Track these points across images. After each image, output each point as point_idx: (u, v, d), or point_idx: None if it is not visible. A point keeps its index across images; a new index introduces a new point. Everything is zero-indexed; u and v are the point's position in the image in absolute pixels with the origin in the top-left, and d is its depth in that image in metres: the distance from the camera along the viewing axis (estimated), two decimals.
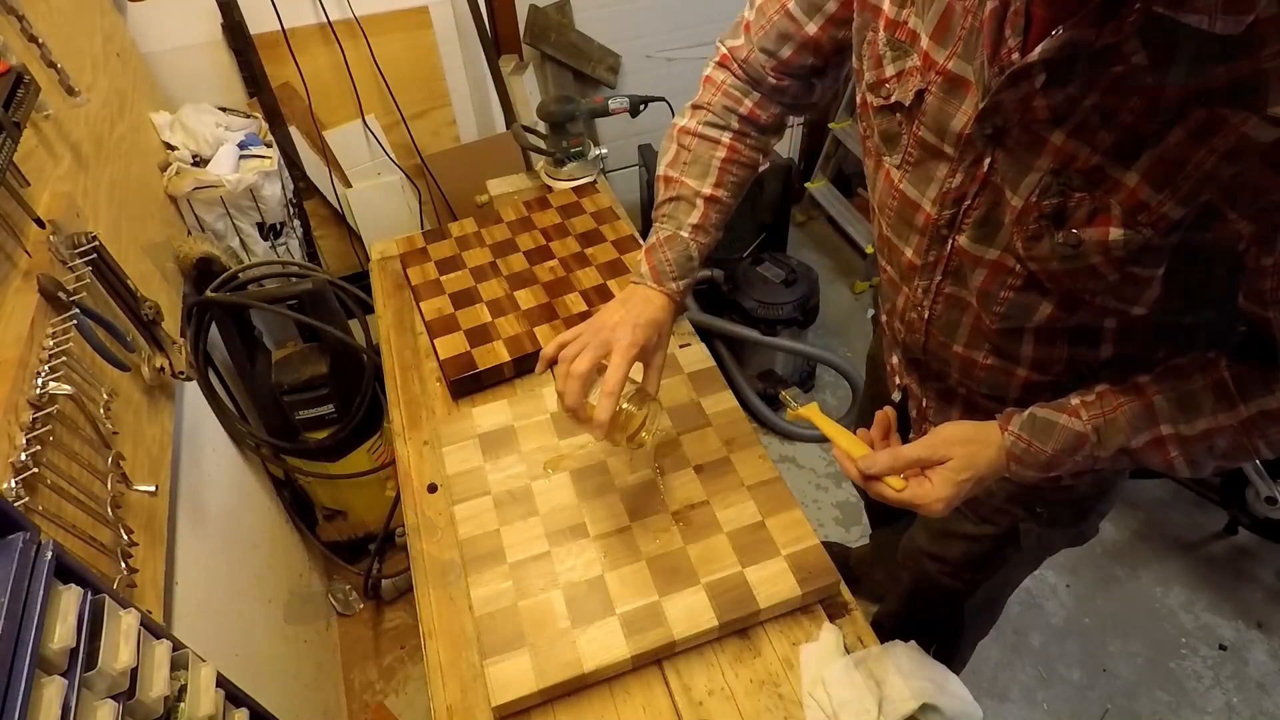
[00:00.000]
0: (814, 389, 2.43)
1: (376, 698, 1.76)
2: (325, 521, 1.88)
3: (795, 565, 0.92)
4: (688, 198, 0.91)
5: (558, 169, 1.55)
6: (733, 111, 0.92)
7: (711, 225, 0.91)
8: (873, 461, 0.75)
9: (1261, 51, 0.49)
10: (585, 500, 1.00)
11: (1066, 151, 0.60)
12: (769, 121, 0.93)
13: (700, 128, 0.92)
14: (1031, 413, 0.74)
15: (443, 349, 1.21)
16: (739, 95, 0.92)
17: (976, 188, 0.69)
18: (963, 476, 0.73)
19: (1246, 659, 1.76)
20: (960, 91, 0.66)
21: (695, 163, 0.91)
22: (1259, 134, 0.52)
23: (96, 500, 0.84)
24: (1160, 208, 0.58)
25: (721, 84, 0.92)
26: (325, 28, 1.82)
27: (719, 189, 0.91)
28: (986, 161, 0.67)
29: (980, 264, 0.73)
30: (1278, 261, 0.58)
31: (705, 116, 0.92)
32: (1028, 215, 0.65)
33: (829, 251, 2.86)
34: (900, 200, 0.77)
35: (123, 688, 0.68)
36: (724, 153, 0.91)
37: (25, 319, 0.83)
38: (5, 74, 0.93)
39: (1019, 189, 0.65)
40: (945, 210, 0.72)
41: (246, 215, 1.64)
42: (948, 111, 0.68)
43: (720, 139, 0.91)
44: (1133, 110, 0.56)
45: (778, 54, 0.87)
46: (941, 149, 0.70)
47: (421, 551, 1.00)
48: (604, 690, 0.86)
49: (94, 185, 1.16)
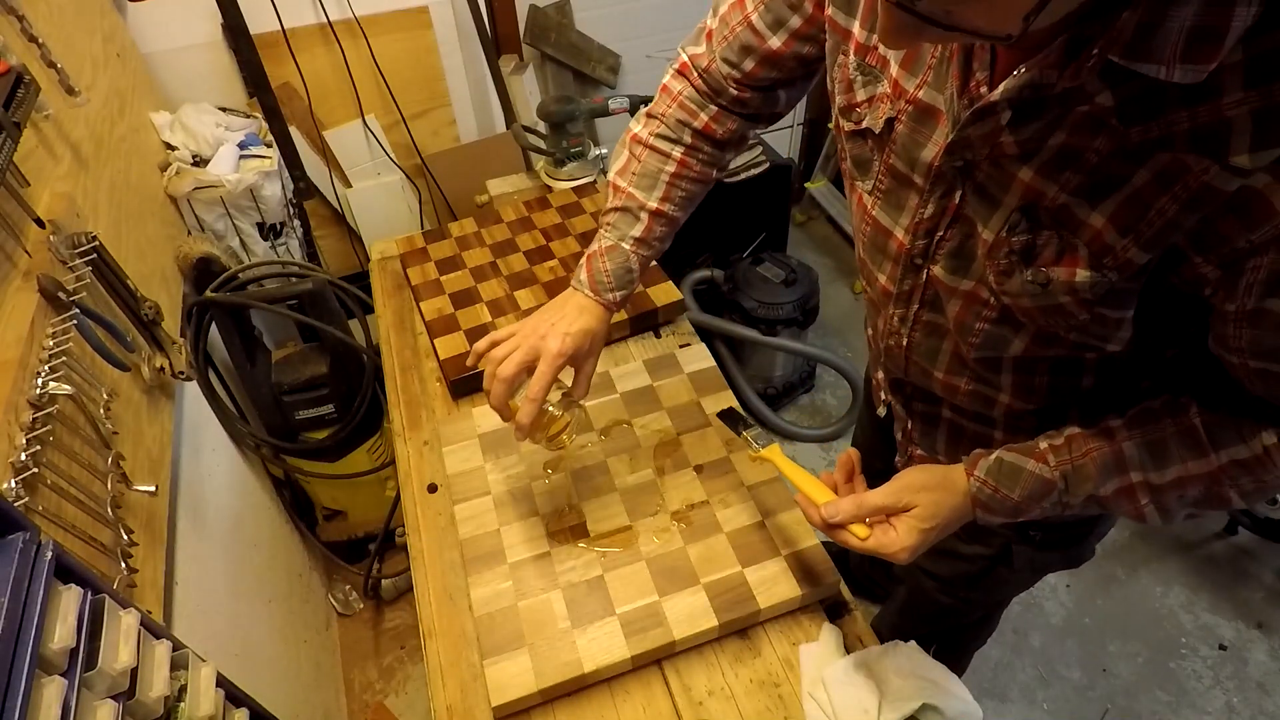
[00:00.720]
0: (814, 389, 2.43)
1: (376, 698, 1.76)
2: (325, 521, 1.88)
3: (795, 565, 0.92)
4: (633, 210, 0.90)
5: (558, 169, 1.55)
6: (686, 125, 0.90)
7: (655, 239, 0.91)
8: (836, 510, 0.74)
9: (1223, 99, 0.48)
10: (585, 500, 1.00)
11: (1034, 189, 0.60)
12: (725, 136, 0.90)
13: (652, 139, 0.90)
14: (999, 456, 0.72)
15: (443, 349, 1.21)
16: (694, 108, 0.89)
17: (949, 219, 0.68)
18: (927, 525, 0.72)
19: (1246, 659, 1.76)
20: (930, 121, 0.65)
21: (644, 175, 0.90)
22: (1220, 183, 0.51)
23: (96, 500, 0.84)
24: (1125, 252, 0.57)
25: (678, 95, 0.90)
26: (325, 28, 1.82)
27: (665, 203, 0.90)
28: (958, 194, 0.66)
29: (955, 294, 0.72)
30: (1239, 308, 0.56)
31: (658, 128, 0.90)
32: (999, 249, 0.64)
33: (829, 251, 2.86)
34: (873, 226, 0.77)
35: (123, 688, 0.68)
36: (674, 167, 0.90)
37: (25, 319, 0.83)
38: (5, 74, 0.93)
39: (989, 223, 0.64)
40: (918, 240, 0.72)
41: (246, 215, 1.64)
42: (918, 141, 0.67)
43: (671, 153, 0.90)
44: (1098, 151, 0.55)
45: (740, 66, 0.84)
46: (912, 178, 0.69)
47: (421, 551, 1.00)
48: (604, 690, 0.86)
49: (94, 185, 1.16)
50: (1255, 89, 0.47)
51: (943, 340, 0.78)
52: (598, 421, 1.10)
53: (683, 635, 0.86)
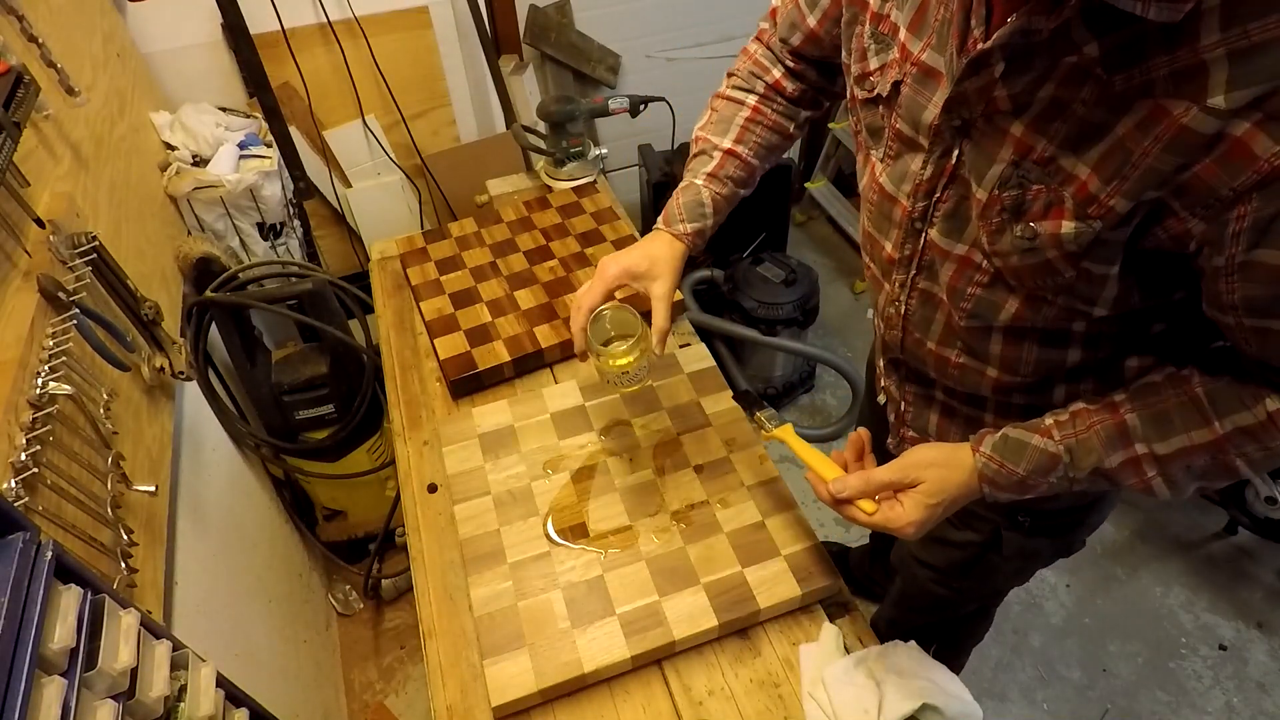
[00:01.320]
0: (814, 389, 2.43)
1: (376, 698, 1.76)
2: (325, 521, 1.88)
3: (795, 565, 0.92)
4: (708, 151, 0.96)
5: (558, 169, 1.55)
6: (759, 78, 0.97)
7: (726, 176, 0.95)
8: (844, 485, 0.76)
9: (1201, 42, 0.50)
10: (585, 500, 1.00)
11: (1025, 143, 0.61)
12: (795, 94, 0.96)
13: (728, 91, 0.98)
14: (1005, 433, 0.73)
15: (443, 349, 1.21)
16: (767, 65, 0.97)
17: (945, 180, 0.70)
18: (933, 500, 0.73)
19: (1246, 659, 1.76)
20: (932, 82, 0.68)
21: (720, 121, 0.96)
22: (1198, 125, 0.51)
23: (96, 500, 0.84)
24: (1108, 200, 0.58)
25: (753, 54, 0.98)
26: (325, 28, 1.82)
27: (738, 144, 0.95)
28: (955, 153, 0.68)
29: (949, 258, 0.73)
30: (1229, 261, 0.56)
31: (734, 81, 0.99)
32: (991, 208, 0.66)
33: (829, 251, 2.86)
34: (880, 194, 0.79)
35: (123, 688, 0.68)
36: (747, 112, 0.96)
37: (25, 319, 0.83)
38: (5, 74, 0.93)
39: (983, 181, 0.66)
40: (918, 203, 0.74)
41: (246, 215, 1.64)
42: (920, 103, 0.69)
43: (745, 100, 0.96)
44: (1084, 101, 0.57)
45: (790, 40, 0.92)
46: (916, 140, 0.71)
47: (421, 551, 1.00)
48: (604, 690, 0.86)
49: (94, 185, 1.16)
50: (1231, 30, 0.49)
51: (936, 310, 0.80)
52: (598, 422, 1.10)
53: (683, 635, 0.86)
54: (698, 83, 2.51)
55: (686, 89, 2.46)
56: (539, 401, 1.12)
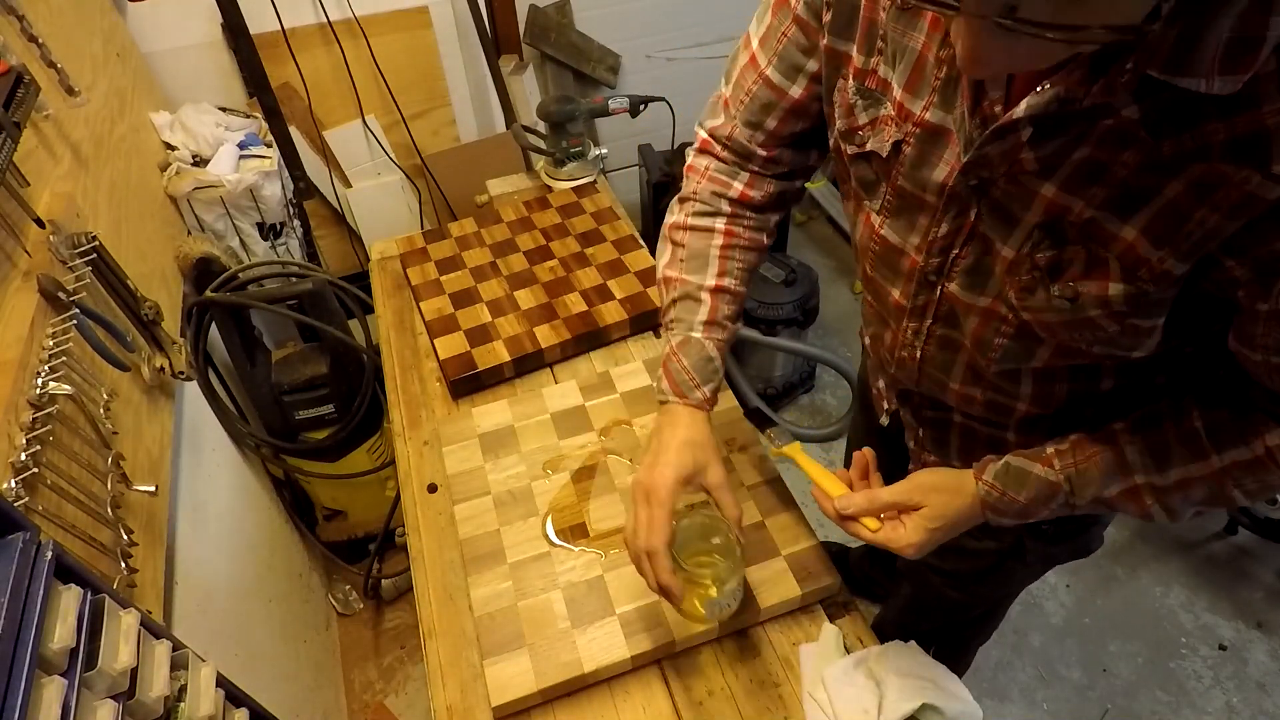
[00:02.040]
0: (814, 389, 2.43)
1: (376, 698, 1.76)
2: (325, 521, 1.88)
3: (795, 565, 0.92)
4: (692, 294, 0.84)
5: (558, 169, 1.55)
6: (722, 196, 0.85)
7: (724, 318, 0.84)
8: (849, 502, 0.77)
9: (1263, 108, 0.47)
10: (585, 500, 1.00)
11: (1058, 204, 0.58)
12: (765, 200, 0.86)
13: (690, 220, 0.86)
14: (1007, 461, 0.74)
15: (443, 349, 1.21)
16: (726, 179, 0.85)
17: (964, 237, 0.67)
18: (934, 524, 0.74)
19: (1246, 659, 1.76)
20: (940, 141, 0.64)
21: (693, 258, 0.84)
22: (1264, 191, 0.50)
23: (96, 500, 0.84)
24: (1162, 264, 0.56)
25: (706, 170, 0.86)
26: (325, 28, 1.82)
27: (723, 278, 0.84)
28: (973, 212, 0.65)
29: (972, 310, 0.71)
30: (1272, 308, 0.55)
31: (694, 207, 0.86)
32: (1020, 266, 0.63)
33: (829, 251, 2.86)
34: (883, 245, 0.75)
35: (123, 688, 0.68)
36: (720, 240, 0.84)
37: (25, 319, 0.83)
38: (5, 74, 0.93)
39: (1009, 240, 0.63)
40: (932, 258, 0.70)
41: (246, 215, 1.64)
42: (928, 161, 0.65)
43: (713, 225, 0.85)
44: (1125, 164, 0.54)
45: (763, 125, 0.81)
46: (923, 198, 0.68)
47: (421, 551, 1.00)
48: (604, 690, 0.86)
49: (94, 185, 1.16)
50: None
51: (958, 353, 0.77)
52: (598, 422, 1.10)
53: (683, 635, 0.86)
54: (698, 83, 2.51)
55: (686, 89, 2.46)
56: (539, 401, 1.12)
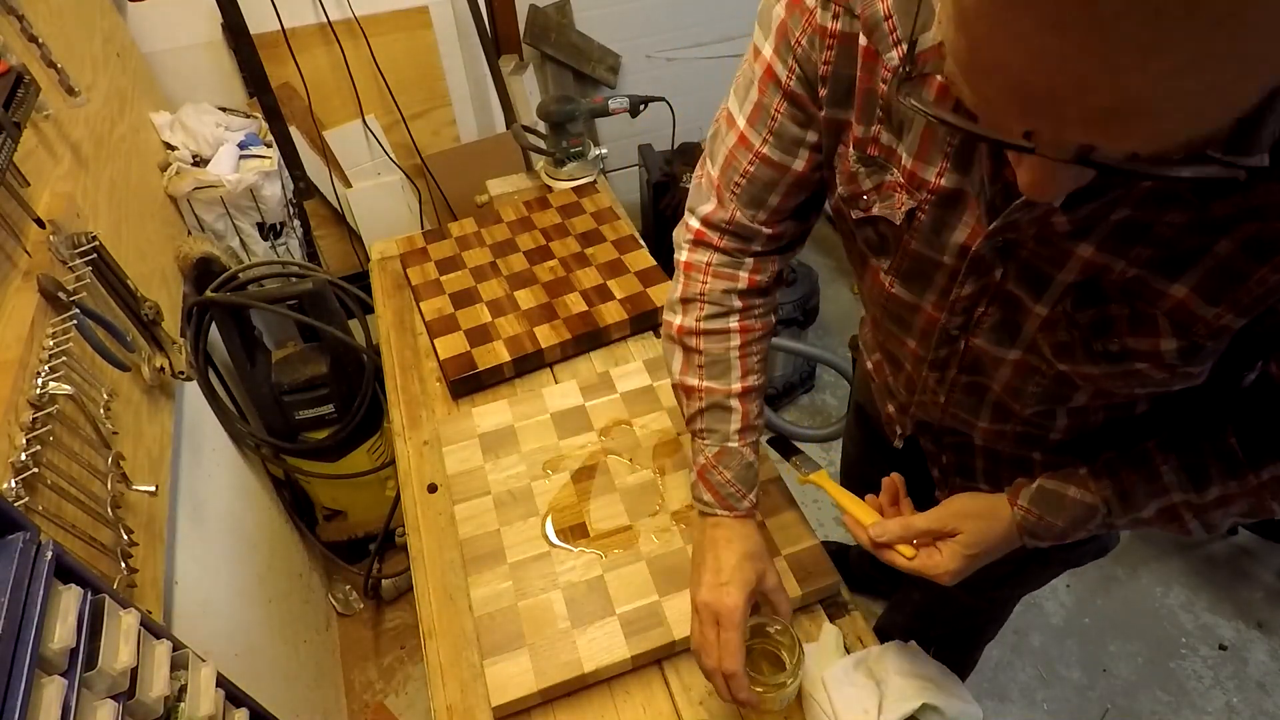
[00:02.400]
0: (814, 389, 2.43)
1: (376, 698, 1.76)
2: (325, 521, 1.88)
3: (795, 565, 0.92)
4: (720, 404, 0.82)
5: (558, 169, 1.55)
6: (731, 292, 0.82)
7: (755, 419, 0.83)
8: (884, 530, 0.76)
9: None
10: (585, 500, 1.00)
11: (1097, 264, 0.56)
12: (771, 279, 0.84)
13: (702, 324, 0.82)
14: (1040, 484, 0.72)
15: (443, 349, 1.21)
16: (731, 271, 0.82)
17: (989, 297, 0.65)
18: (971, 551, 0.73)
19: (1246, 659, 1.76)
20: (958, 205, 0.61)
21: (713, 364, 0.82)
22: None
23: (96, 500, 0.84)
24: (1219, 320, 0.53)
25: (708, 266, 0.82)
26: (325, 28, 1.82)
27: (747, 378, 0.82)
28: (998, 272, 0.62)
29: (1002, 362, 0.68)
30: None
31: (703, 310, 0.82)
32: (1056, 323, 0.61)
33: (829, 251, 2.86)
34: (894, 302, 0.73)
35: (123, 688, 0.68)
36: (738, 340, 0.82)
37: (25, 319, 0.83)
38: (5, 74, 0.93)
39: (1041, 299, 0.60)
40: (955, 316, 0.68)
41: (246, 215, 1.64)
42: (947, 225, 0.63)
43: (728, 327, 0.82)
44: (1170, 224, 0.51)
45: (766, 203, 0.77)
46: (940, 260, 0.65)
47: (421, 551, 1.00)
48: (604, 690, 0.86)
49: (94, 185, 1.16)
50: None
51: (985, 395, 0.75)
52: (598, 422, 1.10)
53: (683, 635, 0.86)
54: (698, 83, 2.53)
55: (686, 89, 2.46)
56: (539, 401, 1.12)
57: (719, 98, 0.81)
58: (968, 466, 0.88)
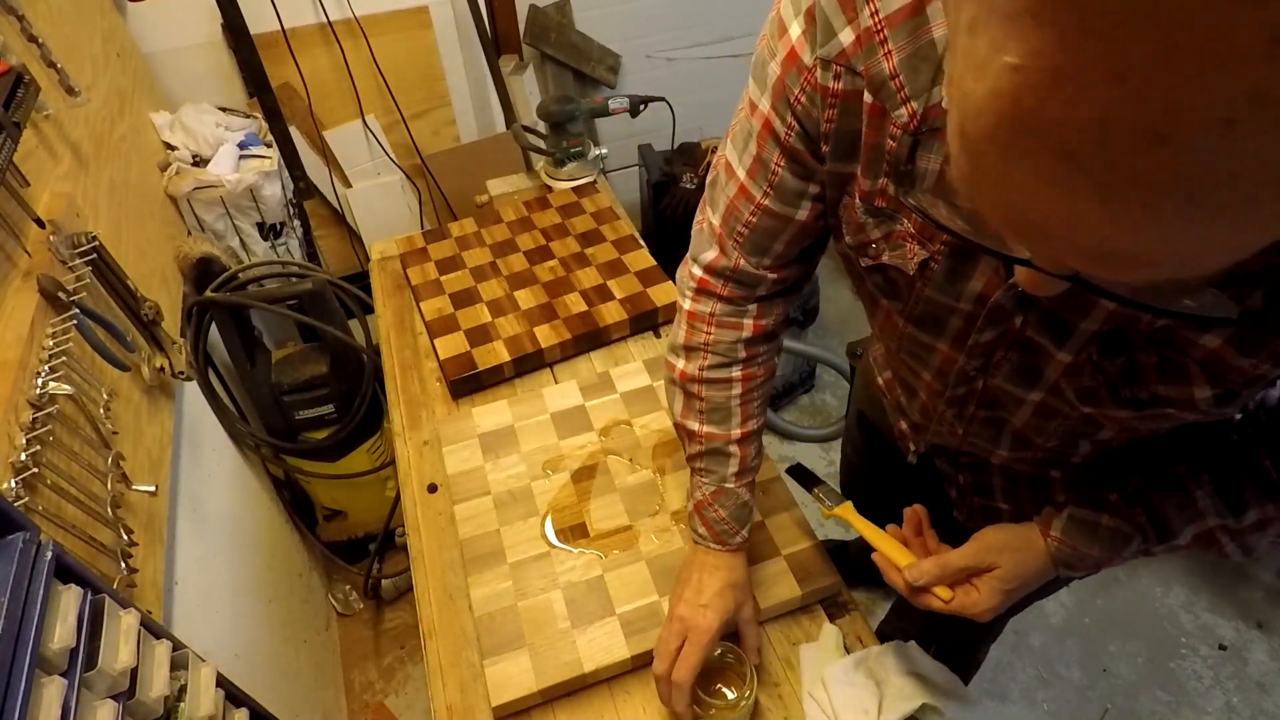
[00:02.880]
0: (814, 389, 2.43)
1: (376, 698, 1.76)
2: (325, 521, 1.88)
3: (795, 565, 0.92)
4: (719, 449, 0.84)
5: (558, 169, 1.55)
6: (737, 343, 0.82)
7: (752, 461, 0.86)
8: (920, 573, 0.73)
9: None
10: (585, 500, 1.00)
11: (1123, 314, 0.54)
12: (776, 324, 0.84)
13: (706, 373, 0.83)
14: (1070, 514, 0.70)
15: (443, 349, 1.21)
16: (735, 319, 0.81)
17: (1009, 342, 0.63)
18: (1010, 585, 0.71)
19: (1246, 659, 1.76)
20: (974, 255, 0.59)
21: (713, 411, 0.83)
22: None
23: (96, 500, 0.84)
24: (1255, 369, 0.52)
25: (711, 316, 0.81)
26: (325, 28, 1.82)
27: (746, 424, 0.84)
28: (1018, 320, 0.61)
29: (1023, 403, 0.67)
30: None
31: (707, 360, 0.82)
32: (1080, 370, 0.60)
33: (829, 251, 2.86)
34: (909, 340, 0.72)
35: (123, 688, 0.68)
36: (739, 389, 0.83)
37: (25, 319, 0.83)
38: (5, 74, 0.93)
39: (1064, 346, 0.59)
40: (973, 360, 0.67)
41: (246, 215, 1.64)
42: (962, 275, 0.61)
43: (731, 376, 0.83)
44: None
45: (770, 250, 0.76)
46: (956, 306, 0.64)
47: (421, 551, 1.00)
48: (604, 690, 0.86)
49: (94, 185, 1.16)
50: None
51: (1004, 427, 0.73)
52: (598, 422, 1.10)
53: None
54: (698, 83, 2.53)
55: (686, 89, 2.47)
56: (539, 401, 1.12)
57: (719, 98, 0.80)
58: (985, 485, 0.87)
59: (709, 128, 2.47)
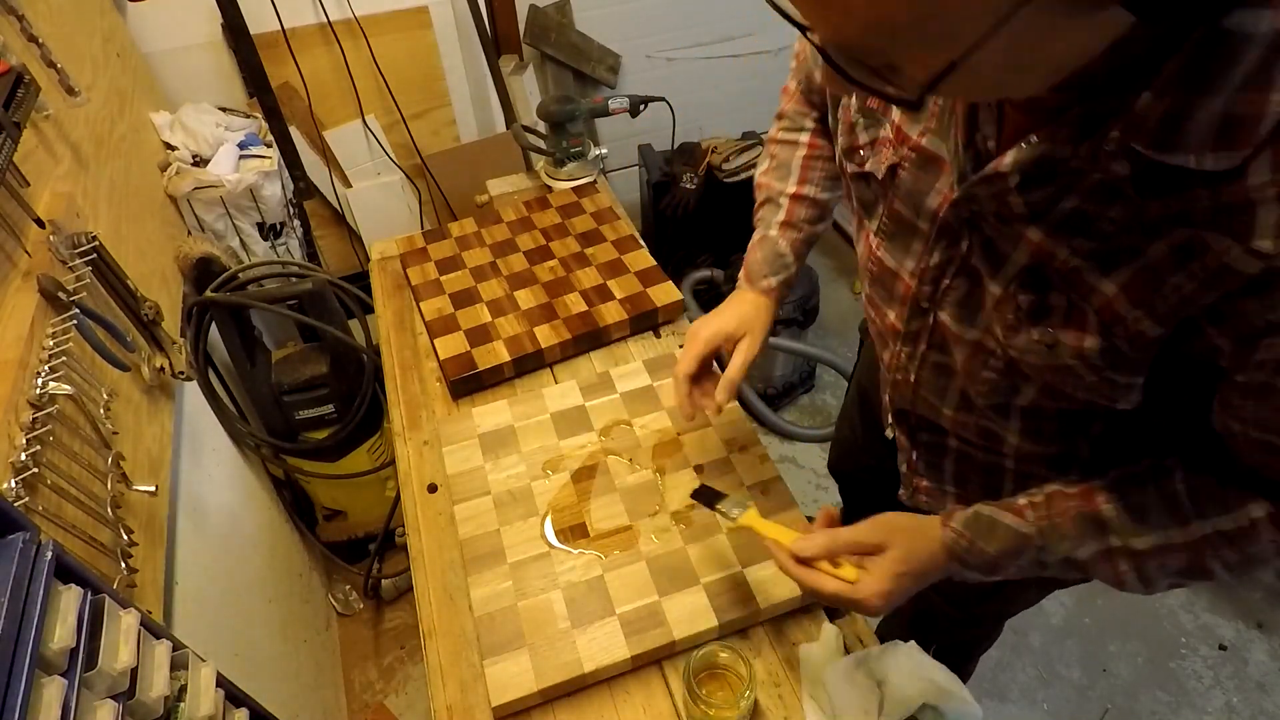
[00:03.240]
0: (814, 389, 2.43)
1: (376, 698, 1.76)
2: (325, 521, 1.88)
3: None
4: (774, 199, 0.96)
5: (558, 169, 1.55)
6: (806, 114, 0.96)
7: (801, 220, 0.95)
8: (806, 544, 0.72)
9: (1249, 180, 0.46)
10: (585, 500, 1.00)
11: (1044, 249, 0.58)
12: None
13: (781, 134, 0.98)
14: (976, 510, 0.71)
15: (443, 349, 1.21)
16: (806, 109, 0.95)
17: (955, 268, 0.67)
18: (901, 569, 0.70)
19: (1246, 659, 1.76)
20: (934, 168, 0.65)
21: (779, 167, 0.96)
22: (1241, 265, 0.48)
23: (96, 500, 0.84)
24: (1136, 324, 0.55)
25: (795, 91, 0.97)
26: (325, 28, 1.82)
27: (804, 185, 0.95)
28: (964, 244, 0.64)
29: (961, 342, 0.70)
30: (1249, 380, 0.54)
31: (784, 123, 0.98)
32: (1007, 304, 0.63)
33: (829, 251, 2.86)
34: (879, 267, 0.76)
35: (123, 688, 0.68)
36: (804, 150, 0.95)
37: (25, 319, 0.83)
38: (5, 74, 0.94)
39: (996, 277, 0.63)
40: (924, 285, 0.71)
41: (246, 215, 1.64)
42: (921, 189, 0.66)
43: (799, 139, 0.96)
44: (1112, 220, 0.53)
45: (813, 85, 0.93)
46: (916, 224, 0.69)
47: (421, 551, 1.00)
48: (604, 690, 0.86)
49: (94, 185, 1.16)
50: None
51: (951, 379, 0.76)
52: (598, 422, 1.10)
53: (683, 635, 0.86)
54: (698, 83, 2.53)
55: (686, 89, 2.47)
56: (539, 401, 1.12)
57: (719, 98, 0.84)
58: (937, 466, 0.88)
59: (709, 128, 2.47)
